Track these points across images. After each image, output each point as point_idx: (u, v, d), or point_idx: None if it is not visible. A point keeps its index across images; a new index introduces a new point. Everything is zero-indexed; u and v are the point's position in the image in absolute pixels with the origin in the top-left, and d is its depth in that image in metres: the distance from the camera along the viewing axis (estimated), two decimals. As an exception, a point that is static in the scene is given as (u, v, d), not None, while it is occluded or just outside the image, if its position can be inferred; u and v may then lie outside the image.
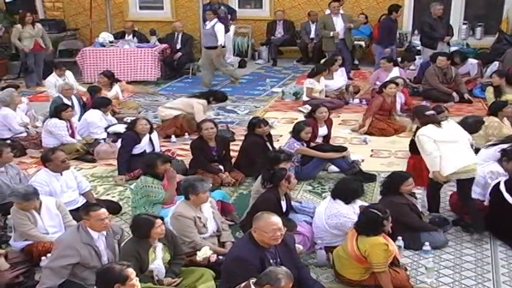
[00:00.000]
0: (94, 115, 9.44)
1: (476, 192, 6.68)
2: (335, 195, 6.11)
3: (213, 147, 8.00)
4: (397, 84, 10.05)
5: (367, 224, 5.38)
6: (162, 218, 5.35)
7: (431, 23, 12.89)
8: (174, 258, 5.42)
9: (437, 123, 6.53)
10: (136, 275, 4.46)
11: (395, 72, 11.35)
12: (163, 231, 5.28)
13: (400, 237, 5.93)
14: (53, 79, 11.26)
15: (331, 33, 13.11)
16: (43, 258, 5.65)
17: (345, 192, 6.07)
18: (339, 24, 13.18)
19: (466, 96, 11.47)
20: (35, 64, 13.45)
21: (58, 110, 8.94)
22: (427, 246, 5.99)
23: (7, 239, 6.19)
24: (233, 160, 8.29)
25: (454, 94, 11.40)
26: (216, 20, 12.82)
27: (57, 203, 6.09)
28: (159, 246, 5.30)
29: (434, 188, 6.75)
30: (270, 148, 8.03)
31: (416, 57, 13.32)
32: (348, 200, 6.02)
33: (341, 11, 13.43)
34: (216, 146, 8.02)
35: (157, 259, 5.27)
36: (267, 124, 8.27)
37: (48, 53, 14.00)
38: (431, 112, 6.81)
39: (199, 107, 10.09)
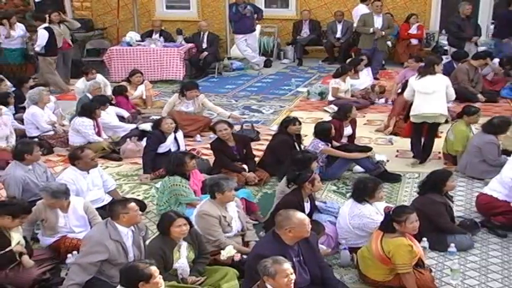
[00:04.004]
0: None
1: (503, 194, 6.61)
2: (351, 196, 6.16)
3: (233, 146, 8.01)
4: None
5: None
6: (187, 219, 5.36)
7: (459, 23, 12.77)
8: (199, 257, 5.45)
9: (423, 75, 8.06)
10: (161, 273, 4.49)
11: (422, 71, 11.25)
12: (184, 232, 5.27)
13: (425, 238, 5.90)
14: (81, 85, 10.94)
15: (371, 29, 13.04)
16: (69, 255, 5.72)
17: (354, 191, 6.08)
18: (378, 23, 13.12)
19: (480, 96, 11.29)
20: (63, 63, 13.52)
21: (93, 109, 9.00)
22: (452, 248, 5.94)
23: (34, 236, 6.26)
24: (257, 159, 8.29)
25: (480, 96, 11.27)
26: (44, 25, 12.46)
27: (85, 206, 6.12)
28: (184, 244, 5.33)
29: (415, 132, 8.30)
30: (298, 148, 8.02)
31: (443, 57, 13.18)
32: (359, 199, 5.99)
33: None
34: (235, 145, 8.03)
35: (182, 258, 5.29)
36: (300, 123, 8.26)
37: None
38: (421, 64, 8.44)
39: (170, 100, 10.29)
